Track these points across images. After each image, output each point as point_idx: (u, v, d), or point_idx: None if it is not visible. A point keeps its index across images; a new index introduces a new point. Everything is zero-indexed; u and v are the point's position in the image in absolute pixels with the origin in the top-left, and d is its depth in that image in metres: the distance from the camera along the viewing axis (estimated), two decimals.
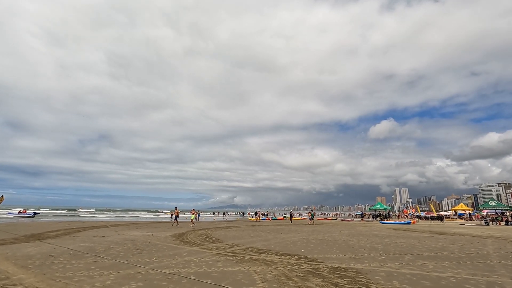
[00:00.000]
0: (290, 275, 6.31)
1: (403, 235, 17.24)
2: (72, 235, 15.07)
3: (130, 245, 11.23)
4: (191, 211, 27.87)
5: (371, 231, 20.15)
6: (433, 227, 26.67)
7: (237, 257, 8.66)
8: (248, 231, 19.04)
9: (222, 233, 17.30)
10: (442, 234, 17.82)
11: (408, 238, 14.99)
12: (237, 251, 9.86)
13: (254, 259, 8.23)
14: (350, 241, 13.54)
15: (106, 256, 8.63)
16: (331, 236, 15.88)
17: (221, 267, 7.09)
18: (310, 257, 8.69)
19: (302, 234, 17.05)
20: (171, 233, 16.80)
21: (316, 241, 13.26)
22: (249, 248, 10.82)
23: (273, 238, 14.80)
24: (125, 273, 6.40)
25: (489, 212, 48.85)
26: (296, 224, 30.07)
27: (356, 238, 15.05)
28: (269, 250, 10.19)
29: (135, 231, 18.01)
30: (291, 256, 8.95)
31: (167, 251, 9.79)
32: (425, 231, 20.90)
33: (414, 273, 6.62)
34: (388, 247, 11.22)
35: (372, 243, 12.57)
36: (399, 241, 13.47)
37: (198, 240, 13.24)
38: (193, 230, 19.32)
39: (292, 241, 13.21)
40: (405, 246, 11.56)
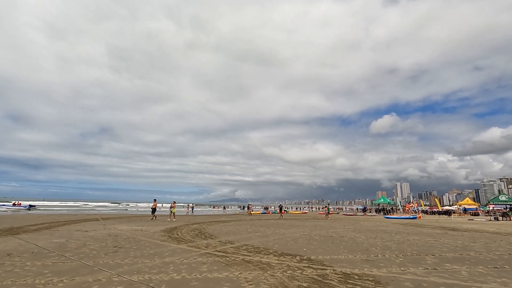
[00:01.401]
0: (291, 285, 4.91)
1: (413, 231, 15.87)
2: (53, 230, 13.78)
3: (110, 242, 9.90)
4: (171, 204, 24.79)
5: (378, 227, 18.80)
6: (441, 222, 25.30)
7: (228, 258, 7.29)
8: (246, 226, 17.72)
9: (217, 228, 15.98)
10: (455, 230, 16.43)
11: (421, 235, 13.60)
12: (229, 250, 8.50)
13: (248, 261, 6.85)
14: (357, 238, 12.17)
15: (73, 256, 7.29)
16: (335, 232, 14.52)
17: (205, 273, 5.71)
18: (314, 259, 7.31)
19: (304, 230, 15.70)
20: (162, 228, 15.50)
21: (320, 238, 11.89)
22: (244, 246, 9.46)
23: (272, 234, 13.46)
24: (80, 281, 5.03)
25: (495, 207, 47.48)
26: (297, 219, 28.78)
27: (363, 234, 13.68)
28: (267, 249, 8.82)
29: (124, 225, 16.73)
30: (292, 257, 7.57)
31: (148, 249, 8.44)
32: (435, 226, 19.52)
33: (449, 283, 5.21)
34: (402, 246, 9.83)
35: (382, 241, 11.18)
36: (412, 239, 12.09)
37: (188, 236, 11.90)
38: (187, 225, 18.03)
39: (293, 238, 11.85)
40: (421, 245, 10.16)
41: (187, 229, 14.86)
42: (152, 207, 23.77)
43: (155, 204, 23.88)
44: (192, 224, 18.36)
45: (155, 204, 23.88)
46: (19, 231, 12.75)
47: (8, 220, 19.19)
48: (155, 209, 23.35)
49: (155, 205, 23.85)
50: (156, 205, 23.96)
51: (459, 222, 25.32)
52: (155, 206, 23.72)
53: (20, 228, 13.95)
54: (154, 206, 23.74)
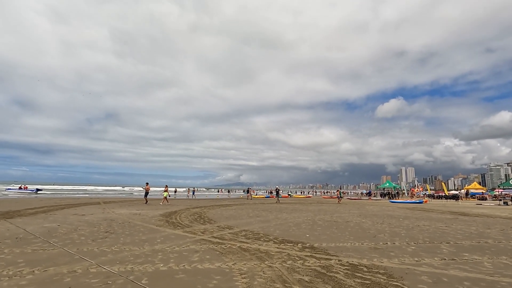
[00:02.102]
0: (290, 279, 4.29)
1: (421, 216, 15.22)
2: (50, 214, 13.46)
3: (103, 227, 9.45)
4: (164, 187, 23.77)
5: (384, 211, 18.20)
6: (449, 207, 24.63)
7: (224, 245, 6.72)
8: (248, 210, 17.28)
9: (218, 212, 15.54)
10: (466, 216, 15.75)
11: (430, 220, 12.95)
12: (226, 236, 7.94)
13: (245, 249, 6.27)
14: (363, 223, 11.56)
15: (59, 242, 6.79)
16: (340, 217, 13.95)
17: (195, 263, 5.12)
18: (317, 247, 6.70)
19: (307, 214, 15.17)
20: (161, 212, 15.10)
21: (324, 223, 11.32)
22: (243, 231, 8.91)
23: (274, 218, 12.93)
24: (53, 273, 4.48)
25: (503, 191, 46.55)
26: (301, 203, 28.38)
27: (369, 219, 13.07)
28: (267, 235, 8.25)
29: (124, 209, 16.40)
30: (293, 244, 6.97)
31: (140, 235, 7.93)
32: (444, 211, 18.85)
33: (473, 277, 4.54)
34: (412, 232, 9.19)
35: (390, 226, 10.56)
36: (422, 224, 11.44)
37: (186, 221, 11.43)
38: (188, 209, 17.65)
39: (296, 223, 11.29)
40: (432, 231, 9.51)
41: (186, 213, 14.44)
42: (146, 190, 22.91)
43: (147, 188, 23.01)
44: (193, 208, 17.98)
45: (147, 188, 23.01)
46: (14, 215, 12.43)
47: (8, 204, 19.06)
48: (147, 193, 22.72)
49: (148, 188, 23.00)
50: (148, 189, 23.12)
51: (468, 207, 24.62)
52: (147, 189, 22.95)
53: (17, 212, 13.65)
54: (147, 189, 22.93)
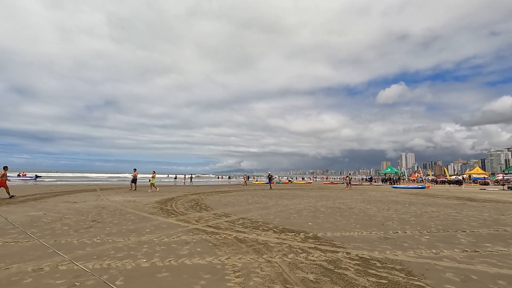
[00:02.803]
0: (292, 278, 3.65)
1: (427, 201, 14.65)
2: (40, 201, 12.89)
3: (91, 215, 8.85)
4: (152, 173, 22.17)
5: (387, 197, 17.65)
6: (453, 192, 24.12)
7: (218, 235, 6.09)
8: (247, 197, 16.73)
9: (216, 199, 14.99)
10: (473, 201, 15.17)
11: (438, 206, 12.35)
12: (222, 225, 7.32)
13: (241, 240, 5.64)
14: (368, 209, 10.96)
15: (37, 233, 6.17)
16: (343, 203, 13.37)
17: (184, 257, 4.49)
18: (322, 237, 6.07)
19: (308, 200, 14.60)
20: (158, 199, 14.54)
21: (327, 210, 10.72)
22: (241, 219, 8.30)
23: (274, 205, 12.35)
24: (16, 271, 3.84)
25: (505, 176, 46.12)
26: (301, 189, 27.91)
27: (374, 205, 12.49)
28: (266, 224, 7.63)
29: (119, 196, 15.85)
30: (295, 234, 6.34)
31: (129, 224, 7.33)
32: (449, 196, 18.30)
33: (505, 274, 3.89)
34: (422, 219, 8.57)
35: (397, 213, 9.95)
36: (430, 210, 10.84)
37: (181, 208, 10.84)
38: (185, 195, 17.11)
39: (297, 210, 10.70)
40: (443, 218, 8.89)
41: (183, 200, 13.88)
42: (133, 176, 21.75)
43: (135, 174, 21.86)
44: (191, 195, 17.45)
45: (135, 174, 21.86)
46: (2, 203, 11.86)
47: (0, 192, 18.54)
48: (135, 179, 21.53)
49: (136, 174, 21.87)
50: (136, 175, 21.95)
51: (472, 192, 24.10)
52: (135, 176, 21.77)
53: (5, 200, 13.08)
54: (134, 176, 21.75)
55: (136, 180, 21.51)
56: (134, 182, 21.14)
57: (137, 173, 22.49)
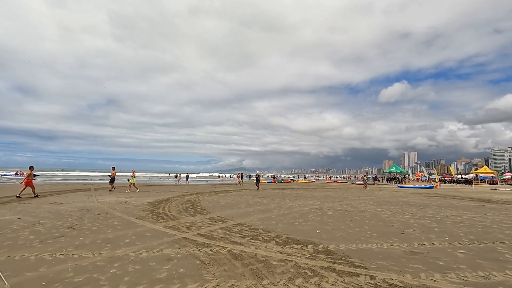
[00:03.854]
0: None
1: (441, 203, 13.55)
2: (24, 202, 11.96)
3: (71, 219, 7.85)
4: (132, 172, 20.24)
5: (397, 198, 16.55)
6: (464, 192, 22.98)
7: (210, 248, 5.06)
8: (247, 197, 15.70)
9: (214, 200, 13.96)
10: (491, 202, 14.05)
11: (456, 209, 11.26)
12: (216, 234, 6.29)
13: (236, 256, 4.60)
14: (381, 213, 9.89)
15: None
16: (351, 205, 12.30)
17: (159, 284, 3.45)
18: (334, 250, 5.01)
19: (313, 202, 13.53)
20: (151, 200, 13.54)
21: (335, 214, 9.66)
22: (238, 226, 7.26)
23: (277, 207, 11.31)
24: None
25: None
26: (304, 188, 26.82)
27: (385, 208, 11.41)
28: (267, 232, 6.59)
29: (112, 196, 14.86)
30: (302, 246, 5.29)
31: (109, 232, 6.31)
32: (462, 197, 17.17)
33: None
34: (446, 226, 7.49)
35: (415, 218, 8.87)
36: (450, 214, 9.75)
37: (174, 211, 9.82)
38: (182, 196, 16.11)
39: (302, 213, 9.64)
40: (469, 224, 7.81)
41: (178, 202, 12.86)
42: (111, 176, 19.82)
43: (113, 173, 19.91)
44: (188, 195, 16.45)
45: (113, 173, 19.91)
46: None
47: None
48: (114, 179, 19.71)
49: (114, 173, 19.94)
50: (115, 174, 20.04)
51: (484, 192, 22.95)
52: (113, 175, 19.84)
53: None
54: (112, 175, 19.83)
55: (114, 179, 19.85)
56: (112, 182, 19.54)
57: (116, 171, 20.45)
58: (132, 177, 19.57)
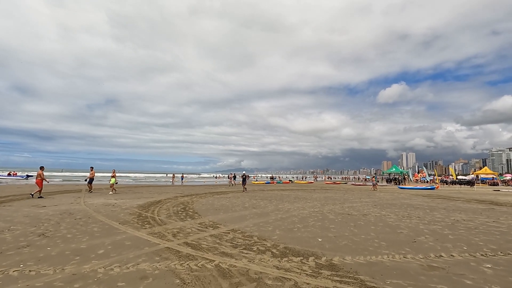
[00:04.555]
0: None
1: (448, 205, 12.87)
2: (5, 204, 11.17)
3: (47, 225, 7.11)
4: (112, 172, 18.92)
5: (399, 200, 15.88)
6: (467, 193, 22.34)
7: (194, 262, 4.33)
8: (244, 199, 14.97)
9: (208, 202, 13.23)
10: (500, 205, 13.39)
11: (465, 212, 10.58)
12: (204, 242, 5.56)
13: (224, 273, 3.87)
14: (386, 217, 9.19)
15: None
16: (353, 208, 11.60)
17: None
18: (339, 264, 4.30)
19: (313, 204, 12.83)
20: (142, 202, 12.78)
21: (337, 217, 8.95)
22: (231, 232, 6.53)
23: (274, 210, 10.58)
24: None
25: None
26: (303, 189, 26.12)
27: (390, 211, 10.72)
28: (263, 239, 5.87)
29: (101, 198, 14.09)
30: (302, 259, 4.58)
31: (84, 241, 5.57)
32: (468, 199, 16.51)
33: None
34: (459, 232, 6.80)
35: (423, 222, 8.18)
36: (460, 218, 9.07)
37: (164, 215, 9.08)
38: (176, 197, 15.37)
39: (301, 218, 8.93)
40: (485, 230, 7.12)
41: (170, 204, 12.12)
42: (89, 176, 18.42)
43: (92, 173, 18.52)
44: (182, 197, 15.70)
45: (92, 173, 18.52)
46: None
47: None
48: (92, 179, 18.38)
49: (93, 174, 18.58)
50: (93, 174, 18.63)
51: (488, 194, 22.33)
52: (92, 175, 18.46)
53: None
54: (91, 175, 18.44)
55: (93, 180, 18.53)
56: (90, 183, 18.21)
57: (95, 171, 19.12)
58: (112, 178, 18.26)
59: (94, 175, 18.78)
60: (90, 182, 18.25)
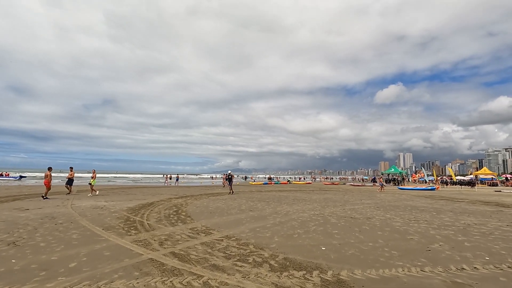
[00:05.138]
0: None
1: (453, 207, 12.32)
2: None
3: (22, 231, 6.45)
4: (92, 172, 17.58)
5: (402, 201, 15.33)
6: (468, 194, 21.86)
7: (179, 279, 3.70)
8: (241, 201, 14.33)
9: (203, 204, 12.58)
10: (509, 207, 12.87)
11: (474, 215, 10.02)
12: (193, 253, 4.92)
13: None
14: (392, 221, 8.60)
15: None
16: (355, 210, 11.01)
17: None
18: (349, 281, 3.69)
19: (313, 206, 12.22)
20: (133, 204, 12.11)
21: (339, 221, 8.34)
22: (225, 240, 5.90)
23: (272, 213, 9.96)
24: None
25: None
26: (302, 190, 25.52)
27: (394, 214, 10.14)
28: (259, 249, 5.24)
29: (90, 201, 13.39)
30: (305, 273, 3.96)
31: (57, 251, 4.91)
32: (472, 201, 15.99)
33: None
34: (475, 239, 6.22)
35: (433, 227, 7.59)
36: (471, 222, 8.50)
37: (153, 219, 8.43)
38: (170, 199, 14.71)
39: (301, 221, 8.31)
40: (502, 237, 6.55)
41: (163, 206, 11.46)
42: (67, 177, 17.06)
43: (71, 174, 17.07)
44: (177, 199, 15.05)
45: (71, 174, 17.07)
46: None
47: None
48: (71, 180, 16.99)
49: (72, 174, 17.14)
50: (73, 175, 17.19)
51: (490, 194, 21.86)
52: (71, 176, 17.01)
53: None
54: (70, 176, 16.97)
55: (72, 181, 17.12)
56: (70, 184, 16.83)
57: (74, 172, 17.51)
58: (92, 179, 16.88)
59: (74, 176, 17.44)
60: (69, 183, 16.86)
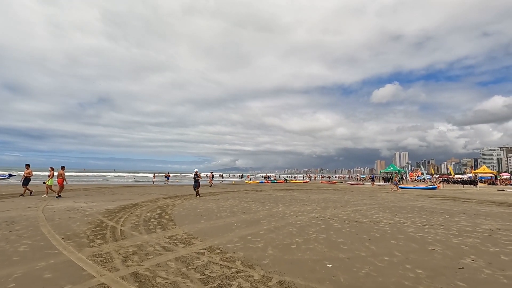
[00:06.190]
0: None
1: (464, 208, 11.32)
2: None
3: None
4: (49, 169, 14.84)
5: (406, 201, 14.33)
6: (473, 193, 20.98)
7: None
8: (234, 201, 13.21)
9: (192, 205, 11.44)
10: None
11: (492, 218, 9.01)
12: (162, 275, 3.78)
13: None
14: (402, 225, 7.53)
15: None
16: (358, 212, 9.94)
17: None
18: None
19: (312, 208, 11.13)
20: (114, 205, 10.94)
21: (343, 226, 7.25)
22: (206, 253, 4.77)
23: (267, 216, 8.85)
24: None
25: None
26: (299, 189, 24.45)
27: (402, 217, 9.08)
28: (248, 267, 4.11)
29: (70, 201, 12.18)
30: None
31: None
32: (481, 201, 15.05)
33: None
34: (509, 250, 5.17)
35: (452, 233, 6.54)
36: (492, 227, 7.48)
37: (129, 224, 7.28)
38: (156, 200, 13.54)
39: (299, 226, 7.21)
40: None
41: (146, 208, 10.30)
42: (24, 176, 14.44)
43: (28, 172, 14.52)
44: (165, 199, 13.89)
45: (28, 172, 14.52)
46: None
47: None
48: (28, 179, 14.45)
49: (30, 173, 14.60)
50: (30, 174, 14.69)
51: (495, 194, 21.01)
52: (28, 174, 14.49)
53: None
54: (26, 174, 14.42)
55: (29, 180, 14.53)
56: (25, 184, 14.26)
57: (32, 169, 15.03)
58: (49, 178, 14.35)
59: (32, 174, 14.98)
60: (25, 183, 14.30)
